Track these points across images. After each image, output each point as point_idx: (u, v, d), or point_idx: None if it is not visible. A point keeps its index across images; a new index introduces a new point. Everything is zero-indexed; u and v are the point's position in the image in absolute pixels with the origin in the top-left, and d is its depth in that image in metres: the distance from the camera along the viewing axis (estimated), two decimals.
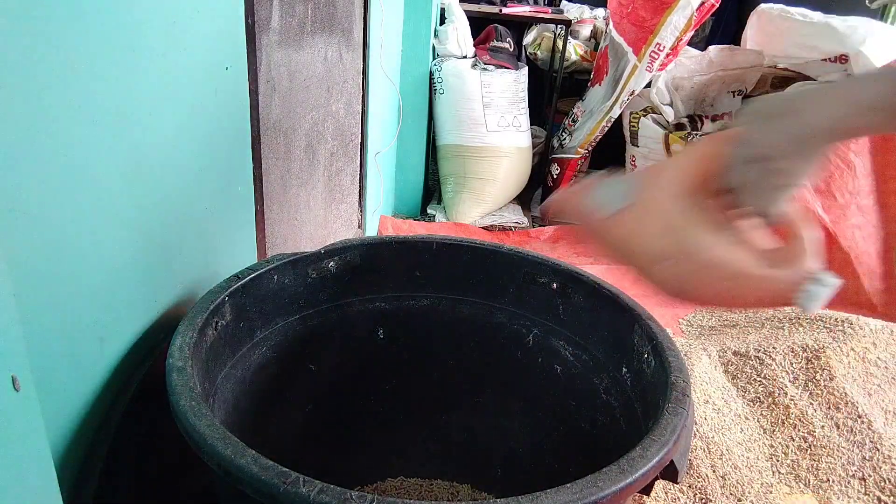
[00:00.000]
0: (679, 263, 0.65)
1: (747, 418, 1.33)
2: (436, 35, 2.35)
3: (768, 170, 0.58)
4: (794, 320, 1.61)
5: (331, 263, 0.96)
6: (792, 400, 1.34)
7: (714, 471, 1.20)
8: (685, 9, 2.16)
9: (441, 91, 2.32)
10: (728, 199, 0.63)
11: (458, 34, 2.33)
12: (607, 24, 2.49)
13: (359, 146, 1.75)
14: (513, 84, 2.39)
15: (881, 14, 2.67)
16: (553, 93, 2.67)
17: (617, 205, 0.69)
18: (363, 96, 1.72)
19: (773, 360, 1.45)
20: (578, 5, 3.20)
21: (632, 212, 0.68)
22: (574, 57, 2.79)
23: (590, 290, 0.89)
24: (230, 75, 0.90)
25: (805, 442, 1.26)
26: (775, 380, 1.39)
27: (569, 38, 2.63)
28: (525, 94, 2.48)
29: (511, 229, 2.41)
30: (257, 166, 1.03)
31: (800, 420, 1.30)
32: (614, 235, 0.70)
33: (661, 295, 0.68)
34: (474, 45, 2.46)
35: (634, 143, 2.52)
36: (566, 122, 2.65)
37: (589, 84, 2.62)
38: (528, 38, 2.87)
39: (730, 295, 0.64)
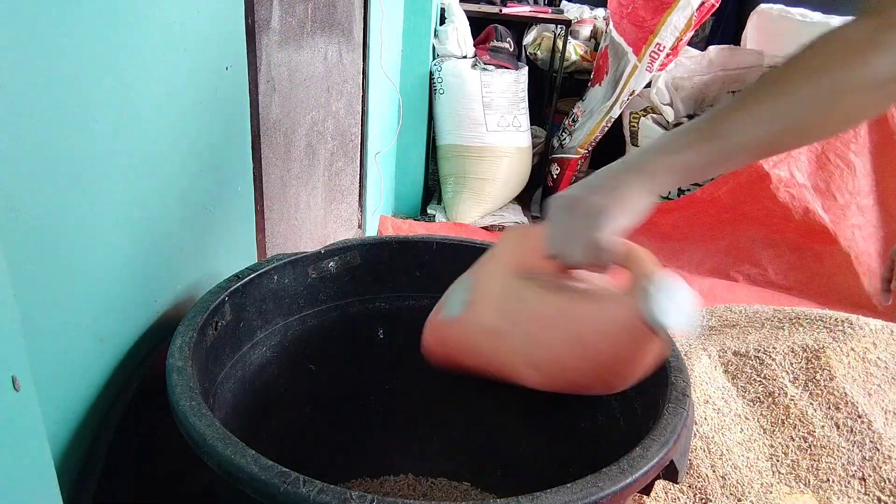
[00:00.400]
0: (515, 334, 0.63)
1: (747, 418, 1.33)
2: (436, 35, 2.35)
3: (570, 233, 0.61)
4: (794, 320, 1.61)
5: (331, 263, 0.96)
6: (792, 400, 1.34)
7: (714, 471, 1.20)
8: (685, 9, 2.16)
9: (441, 91, 2.32)
10: (555, 262, 0.64)
11: (458, 34, 2.33)
12: (607, 24, 2.49)
13: (359, 146, 1.75)
14: (513, 84, 2.39)
15: None
16: (553, 93, 2.67)
17: (457, 308, 0.70)
18: (363, 96, 1.72)
19: (773, 360, 1.45)
20: (578, 5, 3.19)
21: (471, 308, 0.68)
22: (574, 57, 2.78)
23: None
24: (230, 75, 0.90)
25: (805, 442, 1.26)
26: (775, 380, 1.39)
27: (569, 38, 2.63)
28: (525, 94, 2.48)
29: None
30: (257, 166, 1.03)
31: (800, 420, 1.30)
32: (463, 338, 0.71)
33: (529, 384, 0.66)
34: (474, 45, 2.45)
35: (634, 143, 2.52)
36: (566, 122, 2.65)
37: (589, 84, 2.62)
38: (528, 38, 2.87)
39: (579, 341, 0.60)
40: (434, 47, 2.35)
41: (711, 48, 2.44)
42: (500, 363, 0.68)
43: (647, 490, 0.64)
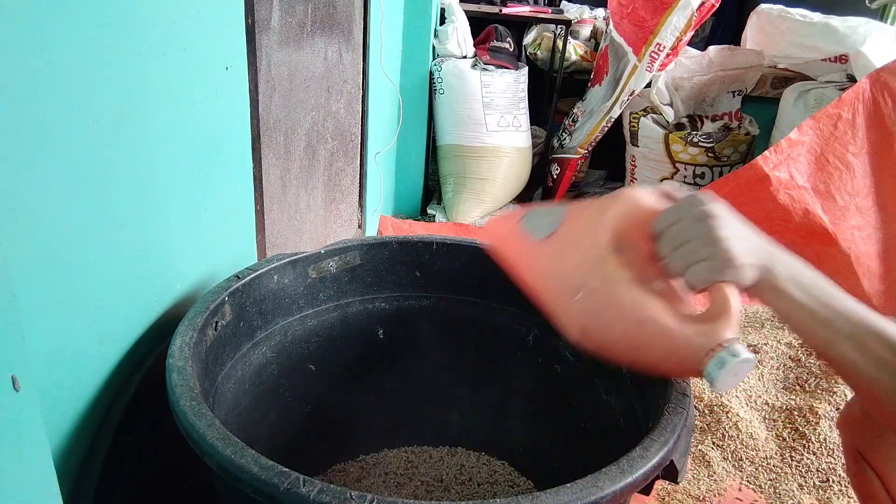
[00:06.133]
0: (590, 297, 0.62)
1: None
2: (436, 35, 2.35)
3: (689, 249, 0.59)
4: None
5: (331, 263, 0.96)
6: (792, 400, 1.34)
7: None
8: (685, 9, 2.16)
9: (441, 91, 2.32)
10: (653, 249, 0.62)
11: (458, 34, 2.33)
12: (607, 24, 2.49)
13: (359, 146, 1.75)
14: (513, 84, 2.39)
15: (881, 14, 2.67)
16: (553, 93, 2.67)
17: (543, 232, 0.69)
18: (363, 96, 1.72)
19: (773, 359, 1.45)
20: (578, 5, 3.19)
21: (554, 242, 0.67)
22: (574, 57, 2.78)
23: None
24: (230, 75, 0.90)
25: (805, 441, 1.26)
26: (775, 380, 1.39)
27: (569, 38, 2.63)
28: (525, 94, 2.48)
29: None
30: (257, 166, 1.03)
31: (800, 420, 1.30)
32: (536, 262, 0.69)
33: (566, 334, 0.65)
34: (474, 45, 2.45)
35: (634, 143, 2.52)
36: (566, 122, 2.64)
37: (589, 84, 2.62)
38: (528, 38, 2.86)
39: (634, 342, 0.61)
40: (434, 47, 2.35)
41: (711, 48, 2.44)
42: (549, 303, 0.67)
43: (647, 490, 0.64)
